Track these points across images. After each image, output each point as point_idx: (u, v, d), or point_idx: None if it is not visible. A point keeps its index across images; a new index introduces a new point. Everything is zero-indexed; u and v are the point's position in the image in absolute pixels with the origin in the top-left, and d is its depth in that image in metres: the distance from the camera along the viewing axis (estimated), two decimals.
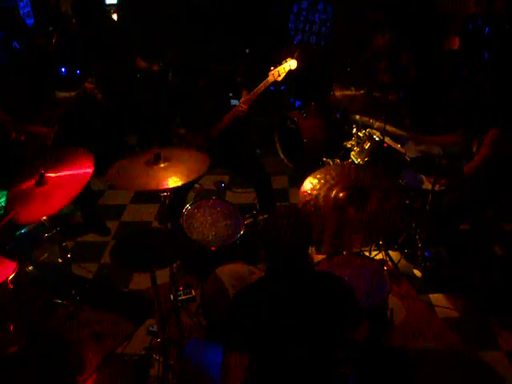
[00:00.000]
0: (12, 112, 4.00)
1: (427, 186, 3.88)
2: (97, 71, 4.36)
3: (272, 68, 4.19)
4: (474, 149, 3.90)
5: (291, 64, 4.16)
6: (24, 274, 3.17)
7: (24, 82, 4.12)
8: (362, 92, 4.33)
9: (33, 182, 3.00)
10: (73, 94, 4.36)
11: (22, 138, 4.02)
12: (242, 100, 4.24)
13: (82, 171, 3.01)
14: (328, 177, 3.34)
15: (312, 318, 2.12)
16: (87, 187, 4.45)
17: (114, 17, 6.85)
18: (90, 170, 2.99)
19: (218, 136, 4.29)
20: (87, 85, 4.31)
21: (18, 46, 5.57)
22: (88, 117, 5.29)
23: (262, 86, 4.19)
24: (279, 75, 4.16)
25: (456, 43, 6.11)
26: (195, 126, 4.30)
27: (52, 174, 3.03)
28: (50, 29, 6.35)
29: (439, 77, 5.59)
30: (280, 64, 4.17)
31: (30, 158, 4.03)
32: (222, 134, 4.29)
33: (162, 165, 2.87)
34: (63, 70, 5.67)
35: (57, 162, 3.12)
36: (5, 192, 3.68)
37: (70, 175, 3.03)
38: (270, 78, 4.16)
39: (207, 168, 2.98)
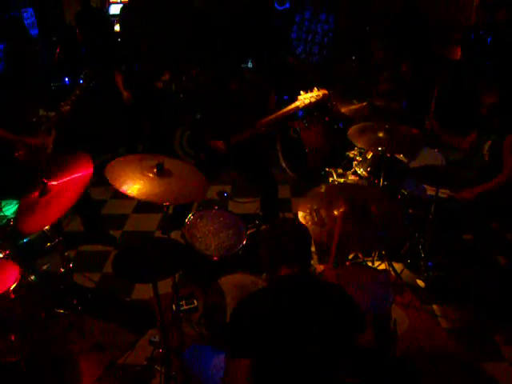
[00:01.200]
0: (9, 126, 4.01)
1: (432, 193, 3.87)
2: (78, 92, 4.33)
3: (302, 93, 4.16)
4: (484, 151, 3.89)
5: (322, 94, 4.11)
6: (26, 284, 3.16)
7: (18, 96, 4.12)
8: (364, 104, 4.33)
9: (37, 193, 3.02)
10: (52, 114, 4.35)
11: (22, 152, 4.02)
12: (268, 118, 4.22)
13: (81, 173, 3.03)
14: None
15: (314, 327, 2.12)
16: (87, 198, 4.48)
17: (117, 27, 6.91)
18: (89, 171, 3.01)
19: (237, 143, 4.30)
20: (63, 108, 4.25)
21: None
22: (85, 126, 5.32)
23: (289, 109, 4.17)
24: (310, 102, 4.11)
25: (458, 53, 6.13)
26: (217, 131, 4.31)
27: (54, 182, 3.05)
28: (54, 39, 6.41)
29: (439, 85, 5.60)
30: (311, 91, 4.14)
31: (35, 168, 4.04)
32: (240, 143, 4.30)
33: (163, 177, 2.83)
34: (67, 80, 5.71)
35: (57, 169, 3.13)
36: (10, 201, 3.72)
37: (70, 179, 3.05)
38: (299, 104, 4.12)
39: (204, 193, 3.02)
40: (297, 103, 4.15)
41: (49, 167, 3.25)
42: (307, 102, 4.13)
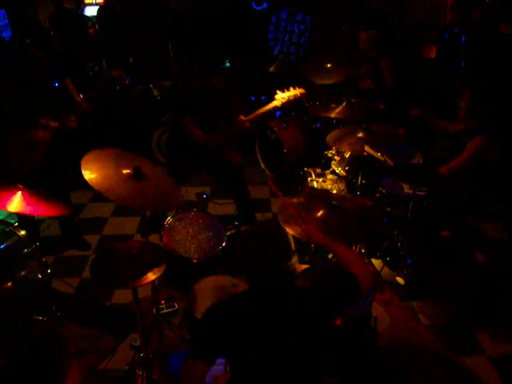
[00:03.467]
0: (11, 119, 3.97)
1: (409, 191, 3.91)
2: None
3: (278, 92, 4.18)
4: None
5: (299, 92, 4.17)
6: (3, 291, 3.11)
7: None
8: (344, 104, 4.35)
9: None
10: (54, 124, 4.31)
11: (21, 144, 3.97)
12: (245, 118, 4.24)
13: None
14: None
15: (289, 330, 2.11)
16: (67, 201, 4.43)
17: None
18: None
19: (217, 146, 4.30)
20: (70, 123, 4.23)
21: None
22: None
23: (267, 108, 4.21)
24: (287, 101, 4.16)
25: (433, 52, 6.19)
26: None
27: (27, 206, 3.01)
28: (28, 41, 6.32)
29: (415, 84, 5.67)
30: (288, 90, 4.16)
31: (19, 166, 4.00)
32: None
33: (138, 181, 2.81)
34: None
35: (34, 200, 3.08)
36: None
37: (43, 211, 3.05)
38: (277, 103, 4.16)
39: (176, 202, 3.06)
40: (274, 102, 4.18)
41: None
42: (285, 100, 4.16)
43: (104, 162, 2.82)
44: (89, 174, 2.66)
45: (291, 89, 4.17)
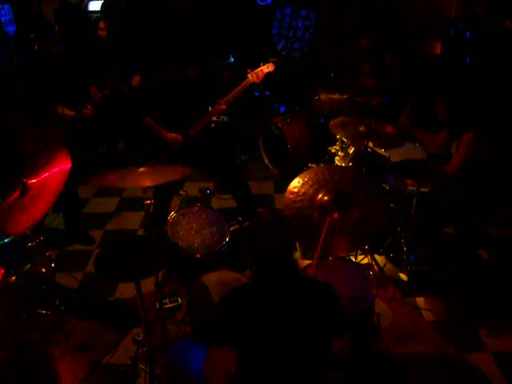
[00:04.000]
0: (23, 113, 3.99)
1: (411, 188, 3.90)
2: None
3: (250, 70, 4.27)
4: (453, 151, 3.95)
5: (269, 66, 4.29)
6: (7, 285, 3.12)
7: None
8: (345, 97, 4.35)
9: (17, 193, 2.99)
10: (70, 113, 4.35)
11: (33, 138, 4.00)
12: (220, 101, 4.28)
13: (60, 168, 3.03)
14: (316, 178, 3.31)
15: (297, 322, 2.12)
16: (75, 196, 4.45)
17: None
18: (68, 165, 3.02)
19: (196, 136, 4.28)
20: (86, 112, 4.28)
21: None
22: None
23: (240, 86, 4.28)
24: (258, 77, 4.26)
25: (438, 47, 6.17)
26: (174, 125, 4.26)
27: (33, 180, 3.02)
28: (32, 36, 6.33)
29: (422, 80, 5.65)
30: (259, 67, 4.27)
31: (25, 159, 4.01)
32: (200, 133, 4.29)
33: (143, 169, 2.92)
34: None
35: (35, 166, 3.09)
36: None
37: (49, 175, 3.03)
38: (249, 80, 4.25)
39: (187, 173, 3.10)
40: (247, 80, 4.28)
41: (26, 166, 3.22)
42: (255, 76, 4.28)
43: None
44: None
45: (261, 65, 4.33)
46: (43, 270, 3.44)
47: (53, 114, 4.14)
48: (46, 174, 3.04)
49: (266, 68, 4.30)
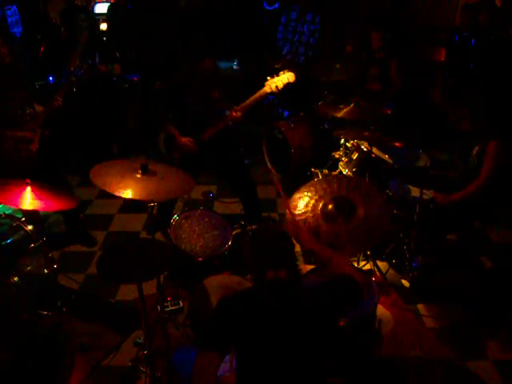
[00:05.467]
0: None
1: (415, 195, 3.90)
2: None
3: (268, 78, 4.15)
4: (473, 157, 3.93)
5: (289, 77, 4.10)
6: (9, 286, 3.13)
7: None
8: (351, 105, 4.33)
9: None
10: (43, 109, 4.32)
11: (11, 144, 3.98)
12: (237, 107, 4.19)
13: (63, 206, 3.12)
14: (314, 190, 3.32)
15: (295, 328, 2.13)
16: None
17: (103, 26, 6.87)
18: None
19: (209, 141, 4.27)
20: (54, 102, 4.23)
21: None
22: (69, 124, 5.27)
23: (257, 95, 4.15)
24: (277, 88, 4.09)
25: (442, 55, 6.18)
26: (187, 129, 4.26)
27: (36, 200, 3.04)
28: (39, 37, 6.35)
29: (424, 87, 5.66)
30: (277, 75, 4.13)
31: (17, 163, 4.01)
32: (212, 139, 4.27)
33: (147, 176, 2.84)
34: (51, 78, 5.65)
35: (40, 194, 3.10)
36: None
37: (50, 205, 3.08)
38: (267, 89, 4.10)
39: (192, 187, 3.05)
40: (265, 88, 4.11)
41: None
42: (274, 86, 4.10)
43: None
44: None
45: (281, 73, 4.12)
46: (45, 271, 3.44)
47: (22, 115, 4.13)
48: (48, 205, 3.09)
49: (286, 78, 4.09)
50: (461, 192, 3.79)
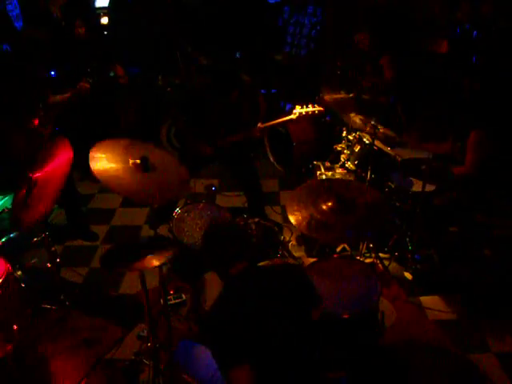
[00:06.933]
0: (10, 113, 3.96)
1: (417, 188, 3.89)
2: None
3: (298, 107, 4.13)
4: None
5: (318, 111, 4.10)
6: (12, 280, 3.13)
7: (20, 83, 4.06)
8: (351, 95, 4.33)
9: (24, 190, 3.02)
10: (66, 95, 4.34)
11: (18, 136, 3.98)
12: (261, 126, 4.20)
13: (62, 158, 3.06)
14: (308, 193, 3.29)
15: (274, 308, 2.19)
16: (73, 191, 4.46)
17: (104, 20, 6.84)
18: (69, 154, 3.05)
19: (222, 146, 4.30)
20: (83, 84, 4.28)
21: (9, 49, 5.54)
22: (81, 117, 5.27)
23: (284, 119, 4.17)
24: (303, 117, 4.11)
25: (444, 47, 6.14)
26: (205, 134, 4.28)
27: (38, 174, 3.03)
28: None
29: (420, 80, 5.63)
30: (307, 106, 4.12)
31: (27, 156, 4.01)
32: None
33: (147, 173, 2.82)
34: (52, 72, 5.64)
35: (38, 159, 3.10)
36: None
37: (53, 166, 3.05)
38: (293, 116, 4.11)
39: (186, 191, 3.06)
40: (291, 116, 4.12)
41: (30, 161, 3.23)
42: (301, 115, 4.10)
43: (112, 153, 2.83)
44: (97, 167, 2.68)
45: (310, 106, 4.13)
46: (48, 265, 3.45)
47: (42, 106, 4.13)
48: (50, 166, 3.05)
49: (315, 111, 4.09)
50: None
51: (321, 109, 4.11)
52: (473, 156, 3.78)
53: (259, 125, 4.20)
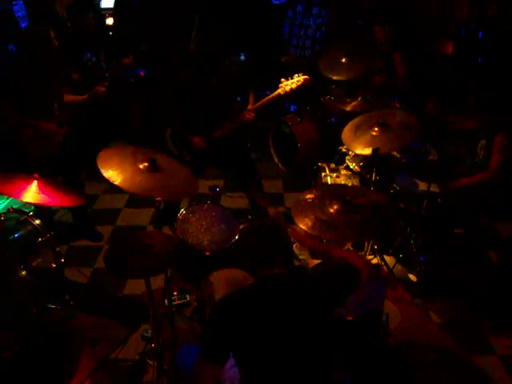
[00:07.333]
0: (23, 110, 3.98)
1: (422, 189, 3.88)
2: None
3: (283, 80, 4.16)
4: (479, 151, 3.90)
5: (304, 80, 4.11)
6: (17, 280, 3.14)
7: (35, 82, 4.07)
8: (359, 99, 4.32)
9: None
10: (81, 97, 4.37)
11: (31, 133, 4.00)
12: (250, 108, 4.23)
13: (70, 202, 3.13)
14: (311, 200, 3.27)
15: (299, 324, 2.12)
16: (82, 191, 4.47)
17: (109, 21, 6.85)
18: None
19: (219, 139, 4.28)
20: (99, 88, 4.31)
21: (14, 49, 5.55)
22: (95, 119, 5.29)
23: (271, 97, 4.18)
24: (291, 89, 4.12)
25: (450, 48, 6.13)
26: (198, 127, 4.27)
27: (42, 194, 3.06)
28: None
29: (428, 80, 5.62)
30: (292, 77, 4.13)
31: (39, 155, 4.03)
32: (224, 138, 4.28)
33: (154, 173, 2.84)
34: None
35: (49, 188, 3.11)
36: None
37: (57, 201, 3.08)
38: (281, 91, 4.13)
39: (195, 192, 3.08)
40: (278, 90, 4.15)
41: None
42: (288, 88, 4.13)
43: (120, 158, 2.86)
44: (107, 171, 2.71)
45: (295, 76, 4.14)
46: (53, 265, 3.46)
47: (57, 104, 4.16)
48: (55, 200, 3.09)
49: (300, 81, 4.09)
50: (467, 179, 3.77)
51: (306, 77, 4.12)
52: (498, 160, 3.72)
53: (249, 107, 4.22)
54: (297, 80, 4.13)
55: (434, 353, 3.36)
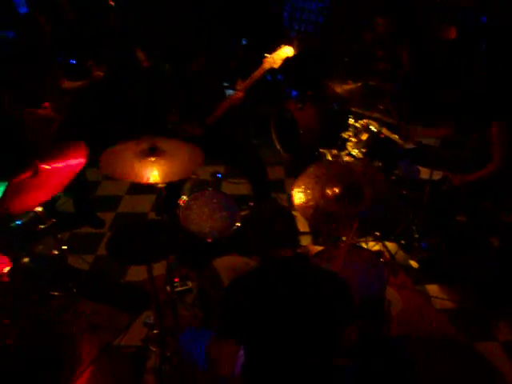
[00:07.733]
0: (22, 98, 3.95)
1: (424, 176, 3.87)
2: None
3: (267, 55, 4.11)
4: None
5: (288, 51, 4.03)
6: (19, 267, 3.14)
7: (32, 70, 4.05)
8: (359, 84, 4.29)
9: (29, 173, 3.00)
10: (79, 83, 4.34)
11: (30, 121, 3.98)
12: (238, 87, 4.19)
13: (74, 161, 3.02)
14: (314, 178, 3.26)
15: (305, 308, 2.13)
16: (84, 178, 4.46)
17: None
18: (82, 161, 2.99)
19: (214, 124, 4.25)
20: (97, 73, 4.28)
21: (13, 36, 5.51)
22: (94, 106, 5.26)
23: (257, 72, 4.10)
24: (275, 62, 4.04)
25: (453, 33, 6.08)
26: (190, 115, 4.23)
27: (46, 166, 3.02)
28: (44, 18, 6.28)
29: (434, 68, 5.57)
30: (275, 51, 4.08)
31: (36, 143, 4.01)
32: (217, 122, 4.25)
33: (155, 158, 2.81)
34: (58, 59, 5.62)
35: (50, 154, 3.10)
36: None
37: (63, 166, 3.02)
38: (266, 65, 4.06)
39: (201, 164, 2.97)
40: (263, 65, 4.07)
41: (43, 149, 3.22)
42: (272, 62, 4.06)
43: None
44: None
45: (278, 48, 4.05)
46: (55, 252, 3.46)
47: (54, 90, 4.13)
48: (60, 165, 3.04)
49: (284, 53, 4.02)
50: (476, 173, 3.75)
51: (291, 48, 4.03)
52: (502, 150, 3.70)
53: (237, 86, 4.18)
54: (280, 52, 4.04)
55: (435, 339, 3.37)
